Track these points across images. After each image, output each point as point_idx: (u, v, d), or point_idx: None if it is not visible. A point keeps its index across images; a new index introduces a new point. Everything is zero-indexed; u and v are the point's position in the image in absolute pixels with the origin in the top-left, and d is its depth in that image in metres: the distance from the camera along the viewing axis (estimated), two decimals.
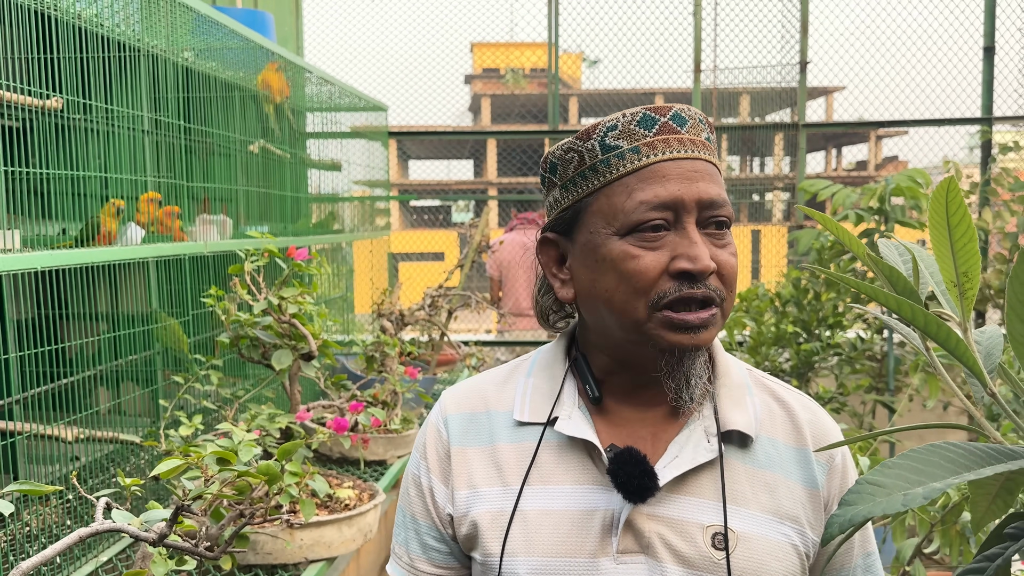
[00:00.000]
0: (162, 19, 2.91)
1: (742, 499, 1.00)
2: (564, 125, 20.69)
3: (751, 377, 1.11)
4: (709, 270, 0.95)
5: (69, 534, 1.12)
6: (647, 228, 0.96)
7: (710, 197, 0.97)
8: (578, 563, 0.98)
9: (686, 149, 0.98)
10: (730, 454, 1.02)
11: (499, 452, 1.05)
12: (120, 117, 2.73)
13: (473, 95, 19.52)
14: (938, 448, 0.85)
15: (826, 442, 1.06)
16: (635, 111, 1.01)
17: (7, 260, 1.92)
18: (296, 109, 3.85)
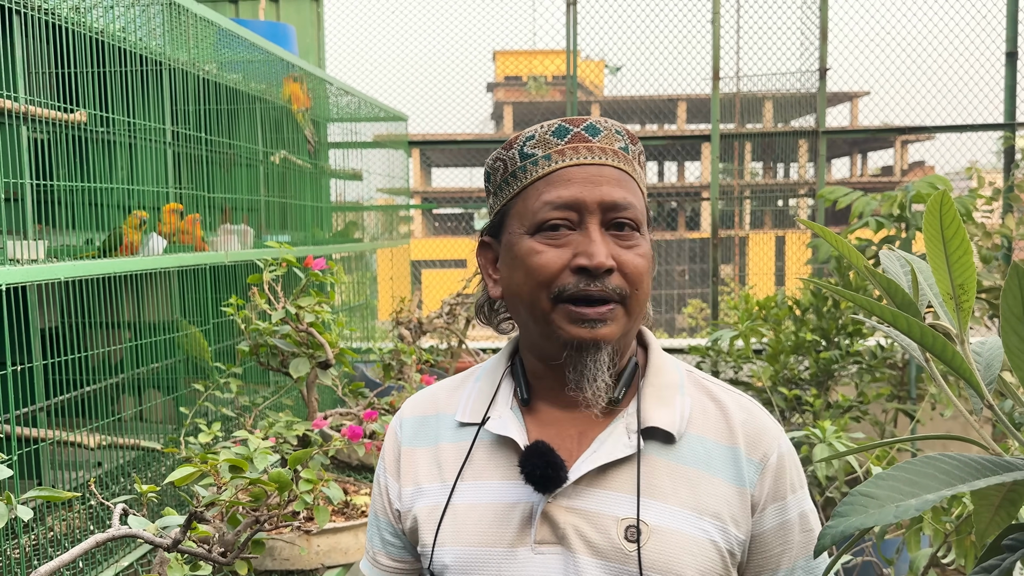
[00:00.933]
0: (185, 33, 2.97)
1: (660, 494, 1.03)
2: None
3: (690, 378, 1.14)
4: (603, 267, 1.00)
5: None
6: (550, 227, 1.03)
7: (612, 200, 1.02)
8: (498, 552, 1.03)
9: (594, 156, 1.04)
10: (653, 450, 1.05)
11: (441, 451, 1.12)
12: (143, 130, 2.79)
13: (495, 103, 19.60)
14: (933, 460, 0.86)
15: (759, 442, 1.08)
16: (553, 122, 1.09)
17: (32, 271, 1.97)
18: (317, 120, 3.90)
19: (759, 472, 1.06)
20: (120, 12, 2.65)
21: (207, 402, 2.27)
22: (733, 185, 5.92)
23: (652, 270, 1.08)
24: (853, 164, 19.87)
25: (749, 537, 1.06)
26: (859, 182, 17.25)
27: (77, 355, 2.35)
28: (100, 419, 2.38)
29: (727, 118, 5.25)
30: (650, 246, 1.07)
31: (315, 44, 4.76)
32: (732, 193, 5.93)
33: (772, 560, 1.07)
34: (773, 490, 1.06)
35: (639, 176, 1.08)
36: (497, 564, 1.03)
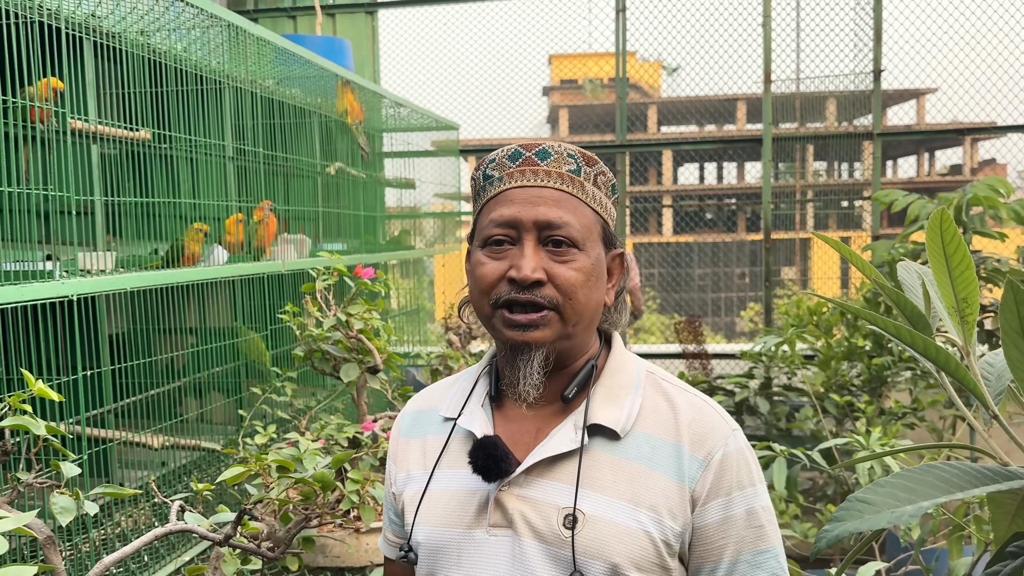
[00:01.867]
0: (244, 53, 3.10)
1: (600, 486, 1.12)
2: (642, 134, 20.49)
3: (649, 379, 1.21)
4: (529, 279, 1.10)
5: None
6: (494, 241, 1.14)
7: (547, 219, 1.12)
8: (459, 533, 1.15)
9: (538, 179, 1.15)
10: (598, 446, 1.14)
11: (428, 442, 1.24)
12: (207, 146, 2.93)
13: (551, 106, 19.64)
14: (933, 468, 0.89)
15: (705, 440, 1.14)
16: (511, 146, 1.19)
17: (101, 282, 2.10)
18: (370, 131, 4.01)
19: (702, 469, 1.13)
20: (182, 34, 2.79)
21: (264, 405, 2.38)
22: (794, 186, 5.86)
23: (597, 281, 1.16)
24: (920, 163, 19.33)
25: (689, 529, 1.12)
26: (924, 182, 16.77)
27: (142, 360, 2.49)
28: (163, 421, 2.51)
29: (788, 118, 5.21)
30: (596, 259, 1.15)
31: (370, 57, 4.89)
32: (793, 195, 5.87)
33: (714, 552, 1.13)
34: (716, 486, 1.12)
35: (590, 196, 1.16)
36: (458, 543, 1.15)
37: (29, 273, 1.93)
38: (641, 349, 6.10)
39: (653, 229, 20.44)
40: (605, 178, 1.19)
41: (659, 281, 19.19)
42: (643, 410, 1.17)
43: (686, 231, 19.21)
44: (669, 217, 19.50)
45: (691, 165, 22.34)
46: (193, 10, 2.61)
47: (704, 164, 21.75)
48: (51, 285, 1.89)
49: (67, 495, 1.22)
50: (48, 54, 2.23)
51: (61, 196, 2.08)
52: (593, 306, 1.16)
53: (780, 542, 1.17)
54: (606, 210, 1.19)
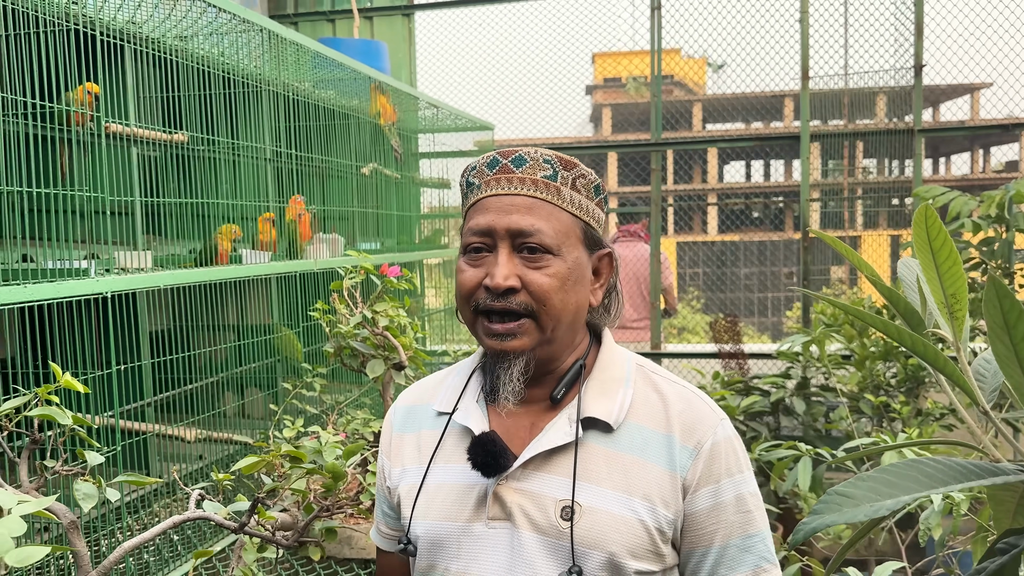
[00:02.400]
0: (279, 57, 3.17)
1: (595, 477, 1.15)
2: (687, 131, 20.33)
3: (639, 372, 1.24)
4: (500, 287, 1.13)
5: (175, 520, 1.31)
6: (473, 249, 1.18)
7: (519, 227, 1.15)
8: (458, 526, 1.18)
9: (512, 186, 1.17)
10: (592, 439, 1.17)
11: (422, 437, 1.27)
12: (243, 147, 3.01)
13: (594, 105, 19.59)
14: (917, 463, 0.89)
15: (694, 430, 1.17)
16: (491, 153, 1.22)
17: (134, 279, 2.18)
18: (403, 132, 4.07)
19: (692, 457, 1.16)
20: (218, 39, 2.87)
21: (295, 400, 2.44)
22: (841, 184, 5.78)
23: (576, 284, 1.17)
24: (974, 160, 18.84)
25: (681, 516, 1.15)
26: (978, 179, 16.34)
27: (176, 356, 2.57)
28: (198, 415, 2.58)
29: (836, 115, 5.15)
30: (575, 263, 1.17)
31: (407, 58, 4.96)
32: (840, 192, 5.79)
33: (705, 537, 1.16)
34: (706, 474, 1.15)
35: (567, 200, 1.18)
36: (457, 537, 1.17)
37: (66, 271, 2.01)
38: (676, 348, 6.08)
39: (698, 228, 20.26)
40: (585, 181, 1.20)
41: (704, 280, 19.01)
42: (634, 402, 1.19)
43: (731, 230, 19.01)
44: (714, 215, 19.31)
45: (737, 163, 22.09)
46: (227, 15, 2.68)
47: (750, 161, 21.49)
48: (86, 282, 1.96)
49: (90, 482, 1.28)
50: (90, 60, 2.32)
51: (98, 197, 2.16)
52: (571, 309, 1.18)
53: (767, 526, 1.20)
54: (587, 212, 1.20)
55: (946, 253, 0.92)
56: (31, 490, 1.27)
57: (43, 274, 2.00)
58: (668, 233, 19.02)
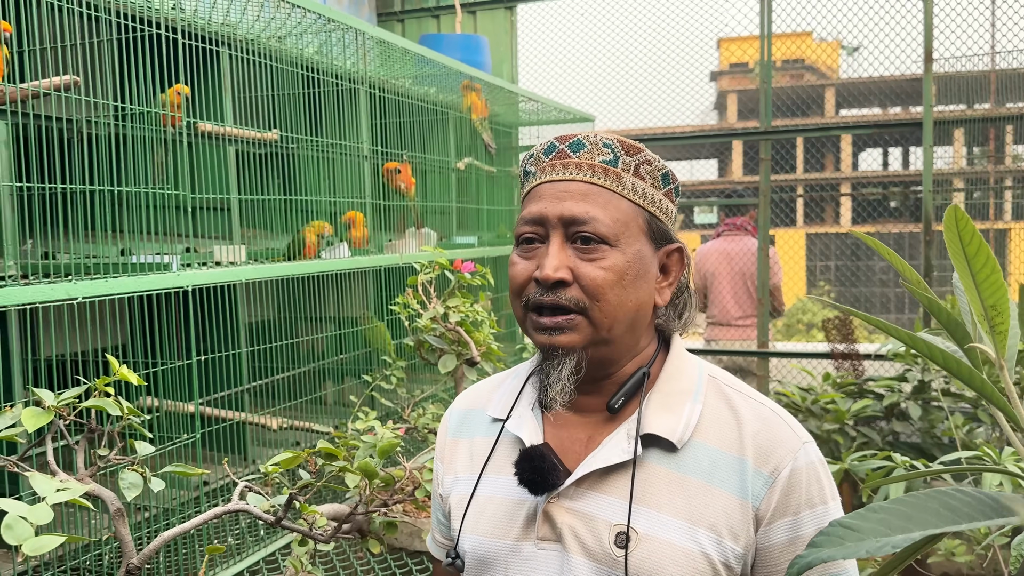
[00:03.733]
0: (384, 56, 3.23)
1: (655, 502, 1.04)
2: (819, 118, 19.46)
3: (711, 384, 1.12)
4: (550, 279, 1.04)
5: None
6: (525, 239, 1.10)
7: (572, 215, 1.06)
8: (506, 544, 1.09)
9: (568, 172, 1.08)
10: (653, 458, 1.06)
11: (475, 444, 1.20)
12: (340, 146, 3.09)
13: (719, 92, 19.06)
14: (941, 494, 0.80)
15: (771, 454, 1.05)
16: (549, 139, 1.13)
17: (215, 274, 2.27)
18: (496, 127, 4.07)
19: (767, 486, 1.04)
20: (310, 39, 2.95)
21: (374, 392, 2.49)
22: (988, 171, 5.38)
23: (636, 280, 1.07)
24: None
25: (752, 550, 1.04)
26: None
27: (263, 346, 2.66)
28: (280, 404, 2.67)
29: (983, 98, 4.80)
30: (635, 256, 1.07)
31: (509, 51, 4.95)
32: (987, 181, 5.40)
33: (779, 574, 1.03)
34: (783, 505, 1.03)
35: (628, 187, 1.08)
36: (505, 556, 1.09)
37: (149, 266, 2.11)
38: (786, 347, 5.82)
39: (830, 218, 19.40)
40: (650, 167, 1.10)
41: (835, 274, 18.16)
42: (703, 419, 1.08)
43: (867, 220, 18.06)
44: (847, 205, 18.42)
45: (873, 150, 20.99)
46: (322, 19, 2.75)
47: (888, 149, 20.36)
48: (168, 277, 2.06)
49: (137, 471, 1.33)
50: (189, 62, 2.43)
51: (183, 194, 2.26)
52: (630, 307, 1.07)
53: (854, 565, 1.07)
54: (652, 202, 1.10)
55: (983, 260, 0.82)
56: (85, 477, 1.33)
57: (137, 268, 2.11)
58: (797, 224, 18.30)
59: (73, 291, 1.77)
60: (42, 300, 1.71)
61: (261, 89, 3.06)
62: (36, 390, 1.35)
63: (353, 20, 2.84)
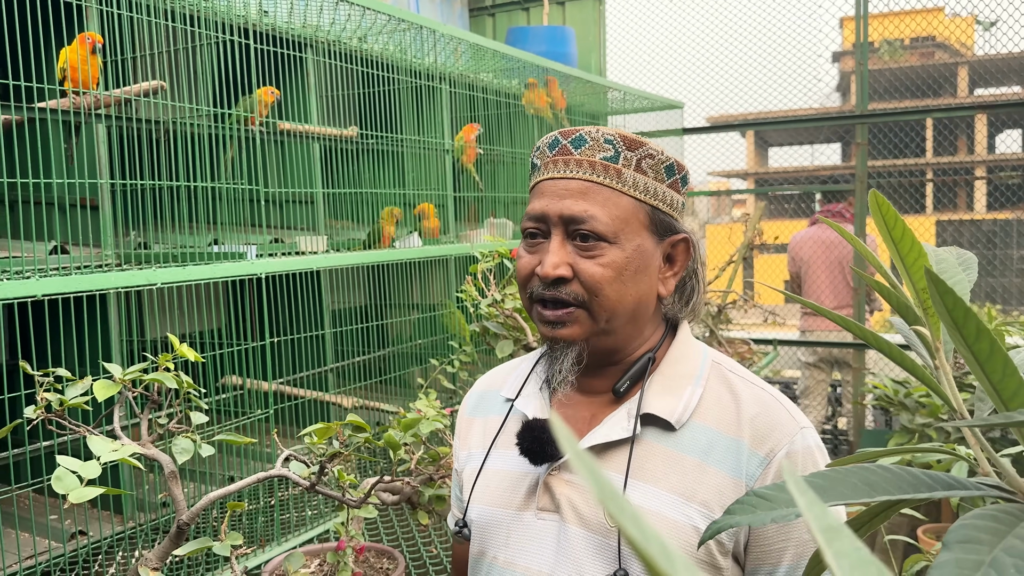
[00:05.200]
0: (456, 54, 3.35)
1: (651, 477, 1.08)
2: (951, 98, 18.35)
3: (714, 369, 1.15)
4: (550, 276, 1.08)
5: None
6: (529, 234, 1.13)
7: (571, 213, 1.08)
8: (508, 514, 1.16)
9: (569, 169, 1.10)
10: (652, 436, 1.10)
11: (489, 422, 1.26)
12: (420, 141, 3.23)
13: (842, 73, 18.28)
14: (863, 469, 0.83)
15: (767, 437, 1.07)
16: (553, 133, 1.15)
17: (288, 262, 2.44)
18: (572, 117, 4.11)
19: (762, 467, 1.06)
20: (385, 39, 3.10)
21: (440, 376, 2.61)
22: None
23: (636, 274, 1.10)
24: None
25: (746, 529, 1.06)
26: None
27: (326, 330, 2.83)
28: (351, 384, 2.83)
29: None
30: (635, 251, 1.10)
31: (596, 41, 4.98)
32: None
33: (773, 554, 1.06)
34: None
35: (629, 183, 1.10)
36: (507, 524, 1.15)
37: (228, 255, 2.30)
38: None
39: (962, 205, 18.30)
40: (653, 161, 1.12)
41: None
42: (704, 401, 1.12)
43: (1005, 207, 16.91)
44: (983, 191, 17.32)
45: (1013, 131, 19.63)
46: (393, 19, 2.89)
47: None
48: (243, 265, 2.24)
49: (189, 438, 1.50)
50: (277, 65, 2.62)
51: (258, 188, 2.44)
52: (630, 300, 1.11)
53: None
54: (655, 196, 1.12)
55: (908, 244, 0.84)
56: (147, 443, 1.51)
57: (216, 257, 2.31)
58: (927, 211, 17.39)
59: (153, 277, 1.96)
60: (125, 285, 1.91)
61: (344, 88, 3.24)
62: (106, 364, 1.53)
63: (425, 20, 2.96)
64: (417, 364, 3.36)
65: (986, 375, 0.81)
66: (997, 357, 0.79)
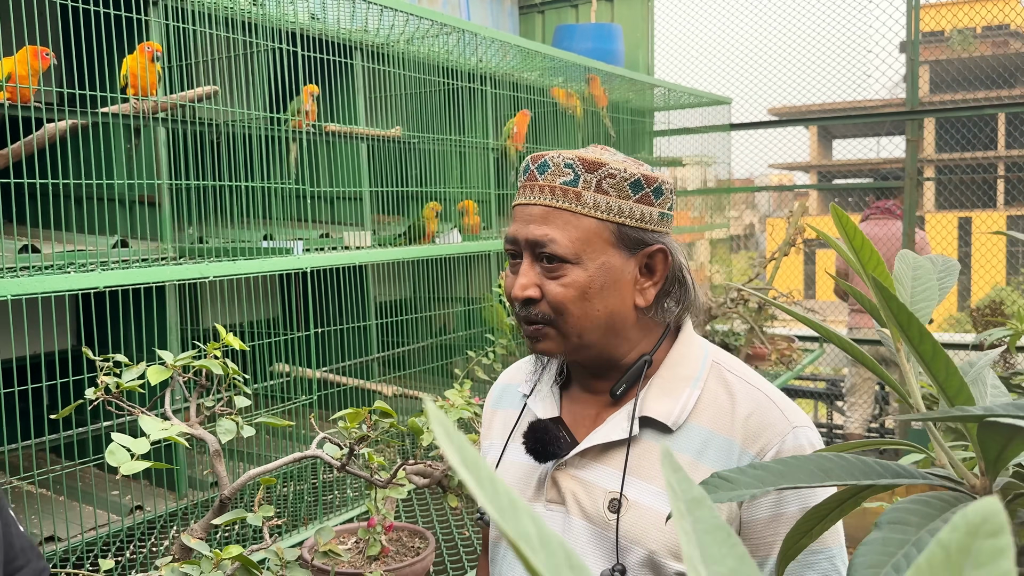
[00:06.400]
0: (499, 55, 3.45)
1: (647, 475, 1.14)
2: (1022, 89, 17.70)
3: (714, 370, 1.20)
4: (518, 298, 1.16)
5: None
6: (510, 255, 1.20)
7: (534, 237, 1.14)
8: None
9: (534, 196, 1.16)
10: (650, 436, 1.17)
11: (508, 415, 1.34)
12: (463, 141, 3.34)
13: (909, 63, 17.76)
14: (820, 458, 0.90)
15: (759, 436, 1.12)
16: (528, 158, 1.21)
17: (332, 257, 2.57)
18: (616, 116, 4.17)
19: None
20: (431, 41, 3.21)
21: (477, 367, 2.72)
22: None
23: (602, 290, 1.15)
24: None
25: (736, 523, 1.12)
26: None
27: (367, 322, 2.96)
28: (391, 374, 2.96)
29: None
30: (599, 269, 1.14)
31: (645, 38, 5.01)
32: None
33: (763, 547, 1.12)
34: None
35: (589, 204, 1.14)
36: None
37: (277, 250, 2.44)
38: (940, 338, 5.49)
39: None
40: (614, 180, 1.15)
41: None
42: (701, 402, 1.17)
43: None
44: None
45: None
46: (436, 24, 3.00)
47: None
48: (289, 259, 2.38)
49: (232, 420, 1.63)
50: (328, 69, 2.75)
51: (303, 187, 2.58)
52: (599, 316, 1.16)
53: (839, 545, 1.14)
54: (620, 213, 1.15)
55: (868, 252, 0.90)
56: (194, 424, 1.64)
57: (265, 252, 2.45)
58: (997, 206, 16.86)
59: (205, 271, 2.11)
60: (179, 278, 2.06)
61: (393, 88, 3.36)
62: (159, 351, 1.67)
63: (466, 23, 3.06)
64: (460, 355, 3.48)
65: (932, 374, 0.88)
66: (939, 358, 0.86)
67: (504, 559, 1.27)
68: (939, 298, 1.04)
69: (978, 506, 0.40)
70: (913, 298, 1.01)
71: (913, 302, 1.00)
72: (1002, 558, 0.39)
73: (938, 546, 0.40)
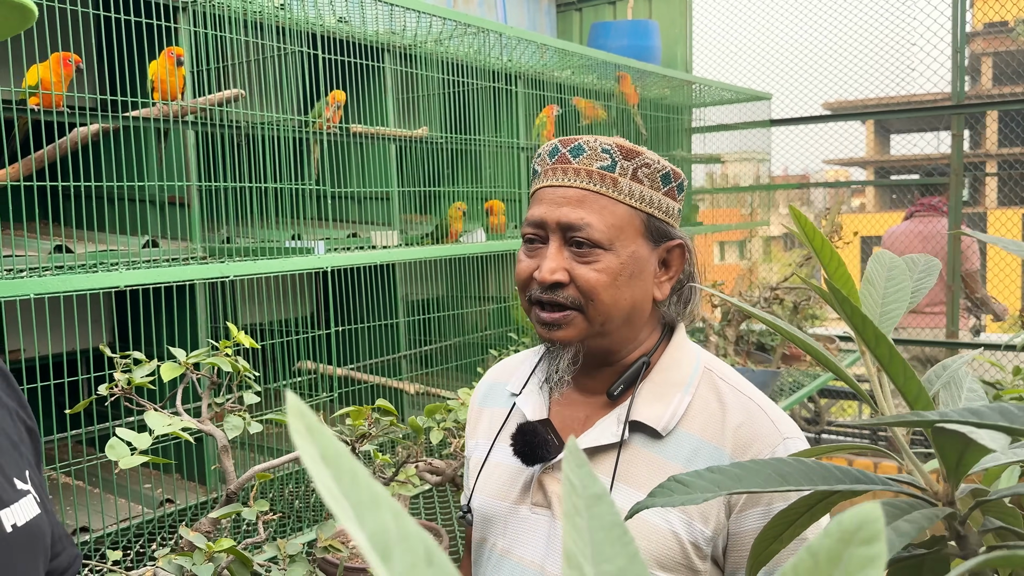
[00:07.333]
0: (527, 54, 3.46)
1: (635, 481, 1.12)
2: None
3: (706, 376, 1.18)
4: (547, 281, 1.12)
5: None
6: (528, 239, 1.18)
7: (568, 221, 1.12)
8: (506, 506, 1.21)
9: (567, 177, 1.15)
10: (639, 442, 1.15)
11: (495, 414, 1.32)
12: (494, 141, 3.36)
13: (971, 55, 17.26)
14: (779, 462, 0.89)
15: (749, 447, 1.11)
16: (554, 141, 1.19)
17: (352, 257, 2.61)
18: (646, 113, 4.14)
19: None
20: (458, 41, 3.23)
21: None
22: None
23: (631, 279, 1.14)
24: None
25: (724, 534, 1.10)
26: None
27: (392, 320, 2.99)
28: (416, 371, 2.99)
29: None
30: (629, 257, 1.14)
31: (683, 33, 4.96)
32: None
33: (757, 551, 1.11)
34: (757, 495, 1.08)
35: (625, 191, 1.14)
36: (505, 516, 1.22)
37: (299, 250, 2.49)
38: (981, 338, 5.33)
39: None
40: (649, 170, 1.16)
41: None
42: (692, 409, 1.15)
43: None
44: None
45: None
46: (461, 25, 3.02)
47: None
48: (311, 259, 2.42)
49: (240, 416, 1.67)
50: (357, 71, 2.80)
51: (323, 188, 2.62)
52: (625, 305, 1.15)
53: None
54: (650, 203, 1.16)
55: (828, 253, 0.89)
56: (205, 419, 1.69)
57: (289, 252, 2.50)
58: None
59: (226, 271, 2.16)
60: (201, 277, 2.12)
61: (422, 89, 3.40)
62: (172, 348, 1.72)
63: (493, 24, 3.07)
64: (486, 353, 3.50)
65: (891, 377, 0.86)
66: (896, 361, 0.85)
67: (488, 561, 1.26)
68: (916, 299, 1.02)
69: (855, 511, 0.40)
70: (885, 299, 0.99)
71: (884, 303, 0.99)
72: (872, 567, 0.39)
73: (807, 553, 0.40)
